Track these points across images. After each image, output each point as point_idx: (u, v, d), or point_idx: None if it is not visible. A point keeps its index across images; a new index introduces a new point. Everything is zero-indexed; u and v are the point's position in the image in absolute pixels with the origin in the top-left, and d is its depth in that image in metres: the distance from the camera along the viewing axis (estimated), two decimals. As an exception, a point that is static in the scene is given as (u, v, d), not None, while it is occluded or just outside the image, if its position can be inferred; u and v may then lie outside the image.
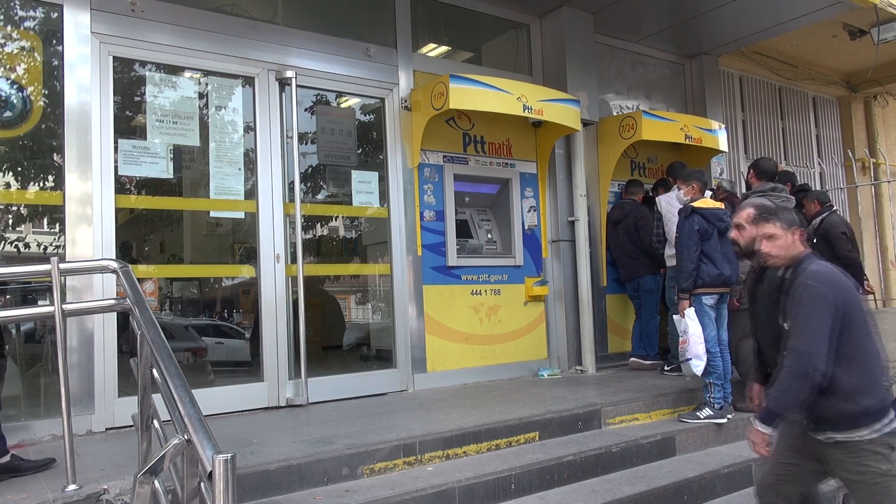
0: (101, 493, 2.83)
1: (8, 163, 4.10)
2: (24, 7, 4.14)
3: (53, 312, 2.87)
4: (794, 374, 2.59)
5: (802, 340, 2.62)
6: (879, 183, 9.24)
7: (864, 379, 2.62)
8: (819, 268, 2.74)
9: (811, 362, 2.56)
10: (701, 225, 4.59)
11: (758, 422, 2.72)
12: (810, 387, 2.57)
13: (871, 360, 2.69)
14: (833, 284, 2.69)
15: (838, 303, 2.65)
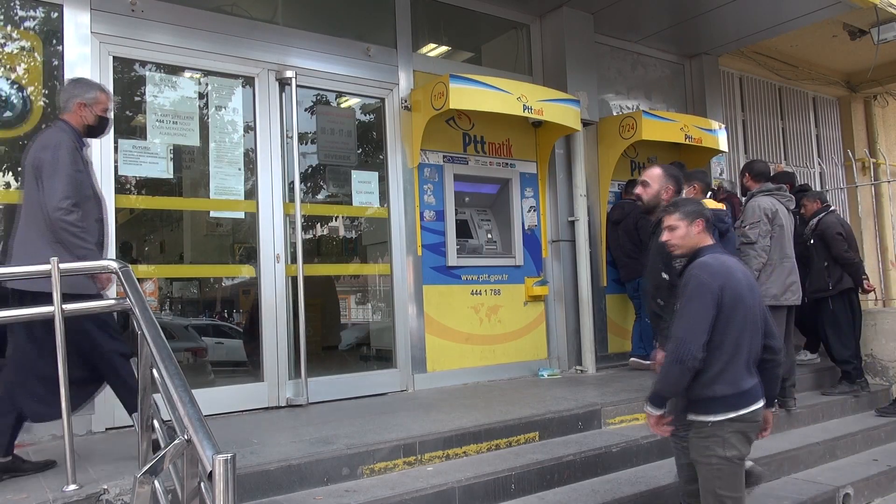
0: (101, 493, 2.83)
1: (8, 163, 4.10)
2: (24, 7, 4.14)
3: (53, 312, 2.87)
4: (672, 359, 2.78)
5: (681, 327, 2.80)
6: (879, 183, 9.24)
7: (722, 369, 2.78)
8: (710, 259, 2.90)
9: (687, 348, 2.74)
10: None
11: (647, 404, 2.91)
12: (687, 371, 2.75)
13: (737, 354, 2.81)
14: (719, 275, 2.82)
15: (722, 293, 2.79)
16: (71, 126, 3.30)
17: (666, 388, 2.85)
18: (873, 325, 6.15)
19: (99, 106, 3.34)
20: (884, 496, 4.40)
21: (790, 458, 4.42)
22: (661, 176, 3.54)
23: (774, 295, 4.76)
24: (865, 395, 5.73)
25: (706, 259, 2.90)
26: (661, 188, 3.53)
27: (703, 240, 3.00)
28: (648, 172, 3.58)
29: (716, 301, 2.77)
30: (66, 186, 3.13)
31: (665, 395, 2.88)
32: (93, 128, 3.38)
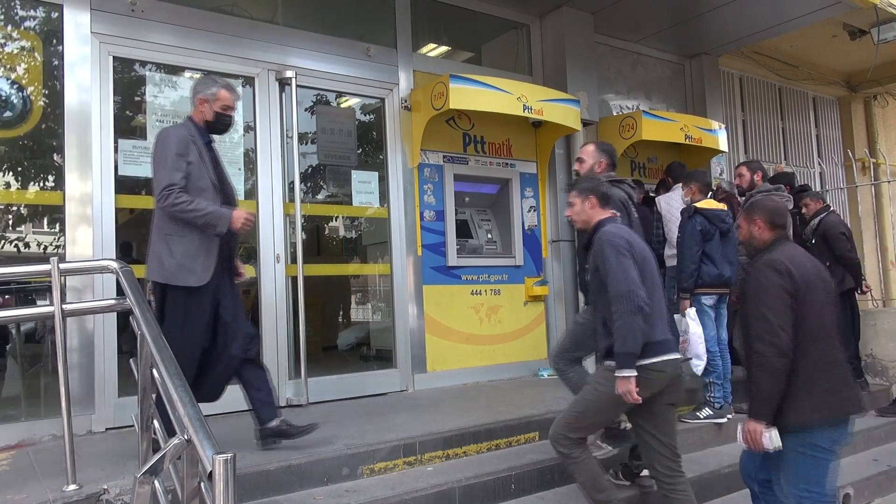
0: (101, 493, 2.83)
1: (8, 163, 4.10)
2: (24, 7, 4.14)
3: (53, 312, 2.87)
4: (626, 312, 2.91)
5: (618, 283, 2.96)
6: (879, 183, 9.23)
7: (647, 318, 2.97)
8: (612, 228, 3.15)
9: (636, 294, 2.91)
10: (703, 225, 4.60)
11: (621, 370, 2.94)
12: (643, 316, 2.91)
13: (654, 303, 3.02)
14: (624, 237, 3.06)
15: (633, 252, 3.01)
16: (192, 121, 3.36)
17: (631, 342, 2.92)
18: (873, 325, 6.15)
19: (218, 102, 3.33)
20: (884, 496, 4.40)
21: (790, 458, 4.42)
22: (594, 151, 3.79)
23: None
24: (865, 396, 5.72)
25: (608, 228, 3.15)
26: (595, 163, 3.73)
27: (597, 214, 3.22)
28: (583, 149, 3.83)
29: (631, 256, 2.99)
30: (169, 175, 3.16)
31: (632, 350, 2.92)
32: (212, 124, 3.36)
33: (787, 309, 2.82)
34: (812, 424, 2.79)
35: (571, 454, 3.13)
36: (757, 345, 2.85)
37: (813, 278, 2.90)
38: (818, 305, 2.86)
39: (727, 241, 4.67)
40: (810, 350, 2.81)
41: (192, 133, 3.30)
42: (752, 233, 3.12)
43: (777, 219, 3.08)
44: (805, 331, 2.81)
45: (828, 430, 2.81)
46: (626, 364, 2.92)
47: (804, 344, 2.80)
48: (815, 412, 2.77)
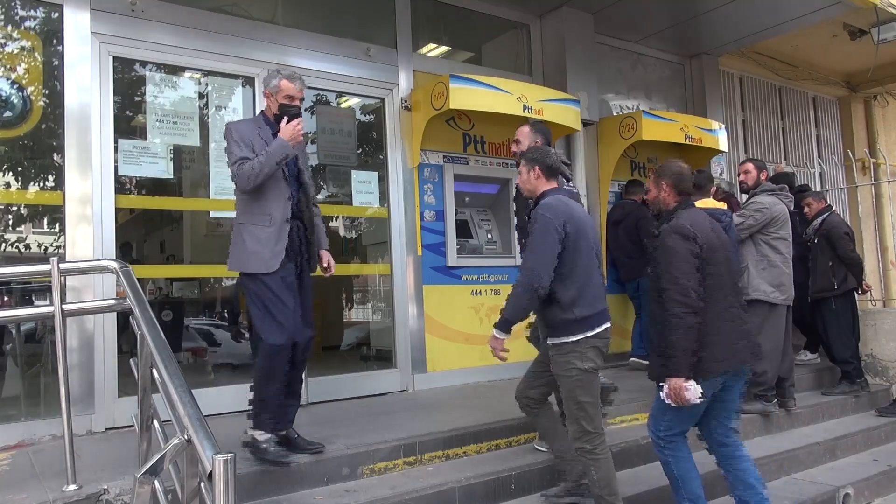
0: (101, 493, 2.83)
1: (8, 163, 4.10)
2: (25, 7, 4.14)
3: (53, 312, 2.87)
4: (522, 287, 3.17)
5: (530, 259, 3.19)
6: (879, 183, 9.24)
7: (578, 293, 3.16)
8: (552, 201, 3.25)
9: (536, 277, 3.13)
10: None
11: (495, 329, 3.26)
12: (535, 297, 3.16)
13: (589, 279, 3.21)
14: (561, 213, 3.18)
15: (566, 230, 3.15)
16: (262, 115, 3.40)
17: (515, 312, 3.23)
18: (873, 325, 6.15)
19: (281, 94, 3.29)
20: (884, 496, 4.40)
21: (790, 458, 4.42)
22: (529, 133, 3.89)
23: (764, 291, 4.77)
24: (865, 395, 5.73)
25: (548, 200, 3.27)
26: (531, 143, 3.80)
27: (541, 184, 3.37)
28: (519, 130, 3.94)
29: (560, 236, 3.14)
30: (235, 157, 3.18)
31: (513, 319, 3.23)
32: (279, 116, 3.30)
33: (695, 270, 3.09)
34: (715, 373, 3.09)
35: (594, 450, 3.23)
36: (671, 305, 3.08)
37: (714, 241, 3.20)
38: (718, 265, 3.16)
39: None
40: (711, 306, 3.10)
41: (260, 124, 3.32)
42: (660, 196, 3.37)
43: (682, 185, 3.33)
44: (707, 289, 3.11)
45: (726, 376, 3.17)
46: (502, 328, 3.25)
47: (706, 301, 3.10)
48: (717, 362, 3.09)
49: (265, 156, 3.15)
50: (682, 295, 3.06)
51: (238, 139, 3.21)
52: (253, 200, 3.23)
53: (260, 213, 3.23)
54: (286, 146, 3.18)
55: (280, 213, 3.24)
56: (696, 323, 3.06)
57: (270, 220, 3.23)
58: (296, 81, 3.34)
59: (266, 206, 3.23)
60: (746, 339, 3.22)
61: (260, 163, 3.13)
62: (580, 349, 3.17)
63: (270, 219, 3.23)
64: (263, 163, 3.13)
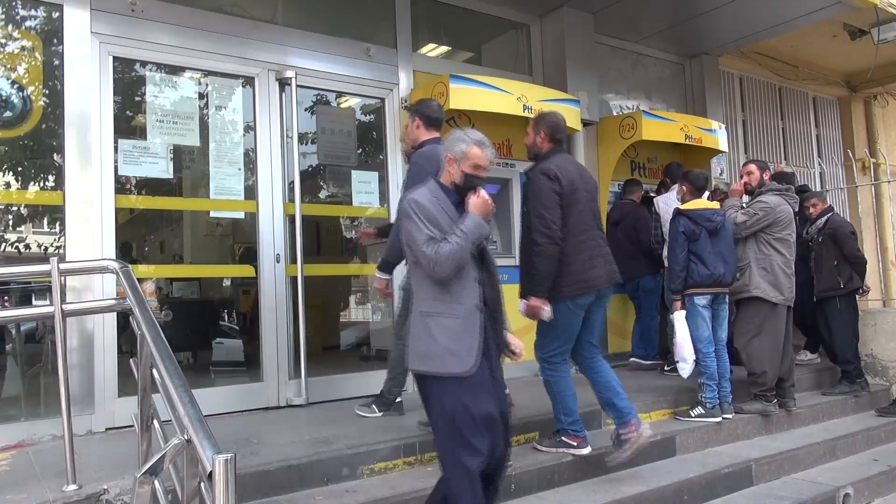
0: (101, 493, 2.83)
1: (8, 163, 4.11)
2: (25, 7, 4.14)
3: (53, 312, 2.87)
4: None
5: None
6: (879, 183, 9.24)
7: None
8: (428, 149, 3.62)
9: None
10: (686, 226, 4.63)
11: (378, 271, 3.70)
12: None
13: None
14: (434, 158, 3.35)
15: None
16: (438, 182, 2.94)
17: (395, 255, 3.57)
18: (873, 325, 6.15)
19: (468, 162, 2.88)
20: (884, 496, 4.40)
21: (790, 458, 4.42)
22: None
23: (763, 289, 4.77)
24: (865, 395, 5.73)
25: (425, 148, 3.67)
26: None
27: (422, 134, 3.72)
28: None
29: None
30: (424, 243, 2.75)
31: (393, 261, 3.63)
32: (460, 187, 2.90)
33: (557, 207, 3.58)
34: (573, 295, 3.61)
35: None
36: (536, 236, 3.57)
37: (577, 183, 3.65)
38: (579, 203, 3.61)
39: (719, 240, 4.67)
40: (571, 240, 3.60)
41: (437, 194, 2.88)
42: (536, 142, 3.85)
43: (557, 134, 3.81)
44: (569, 224, 3.58)
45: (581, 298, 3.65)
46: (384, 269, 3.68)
47: (567, 235, 3.57)
48: (573, 286, 3.60)
49: (461, 236, 2.74)
50: (544, 227, 3.54)
51: (423, 216, 2.78)
52: (440, 285, 2.79)
53: (451, 301, 2.79)
54: (483, 224, 2.82)
55: (471, 299, 2.82)
56: (557, 252, 3.54)
57: (463, 308, 2.80)
58: (486, 149, 2.94)
59: (457, 291, 2.80)
60: (604, 267, 3.70)
61: (459, 245, 2.72)
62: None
63: (463, 307, 2.80)
64: (463, 245, 2.73)
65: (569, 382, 3.81)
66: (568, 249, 3.59)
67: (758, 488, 4.11)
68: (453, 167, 2.90)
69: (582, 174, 3.79)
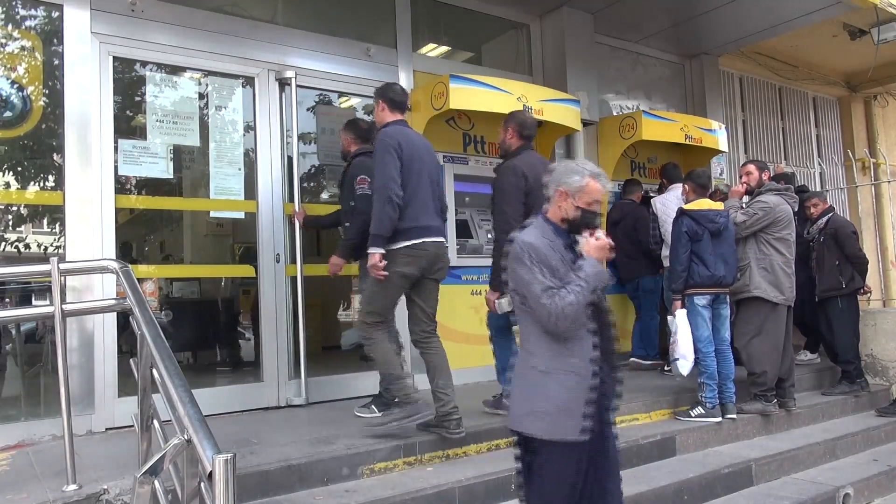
0: (101, 493, 2.83)
1: (8, 163, 4.11)
2: (25, 6, 4.14)
3: (53, 312, 2.87)
4: (380, 202, 3.57)
5: (378, 178, 3.62)
6: (879, 183, 9.24)
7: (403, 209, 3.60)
8: (391, 129, 3.73)
9: (389, 188, 3.54)
10: (689, 227, 4.63)
11: (371, 247, 3.61)
12: (393, 206, 3.56)
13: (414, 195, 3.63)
14: (393, 137, 3.64)
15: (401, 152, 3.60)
16: (546, 219, 2.62)
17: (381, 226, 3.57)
18: (873, 325, 6.15)
19: (584, 196, 2.55)
20: (884, 496, 4.40)
21: (790, 458, 4.42)
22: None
23: (764, 289, 4.77)
24: (865, 395, 5.73)
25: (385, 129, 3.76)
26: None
27: (387, 116, 3.83)
28: None
29: (397, 155, 3.57)
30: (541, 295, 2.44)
31: (382, 233, 3.58)
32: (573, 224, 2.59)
33: (520, 204, 3.74)
34: None
35: (369, 336, 3.74)
36: (496, 232, 3.82)
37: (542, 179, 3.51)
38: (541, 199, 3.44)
39: (722, 241, 4.68)
40: None
41: (547, 234, 2.57)
42: (505, 138, 4.05)
43: (525, 131, 4.01)
44: None
45: None
46: (376, 243, 3.59)
47: None
48: None
49: (582, 284, 2.44)
50: (505, 223, 3.64)
51: (539, 261, 2.46)
52: (554, 338, 2.49)
53: (566, 356, 2.50)
54: (602, 271, 2.51)
55: (586, 353, 2.54)
56: None
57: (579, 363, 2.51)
58: (602, 181, 2.60)
59: (572, 344, 2.51)
60: None
61: (581, 295, 2.43)
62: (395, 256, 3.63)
63: (579, 362, 2.51)
64: (584, 295, 2.43)
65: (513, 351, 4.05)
66: None
67: (758, 488, 4.11)
68: (566, 202, 2.56)
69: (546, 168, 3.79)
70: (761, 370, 4.77)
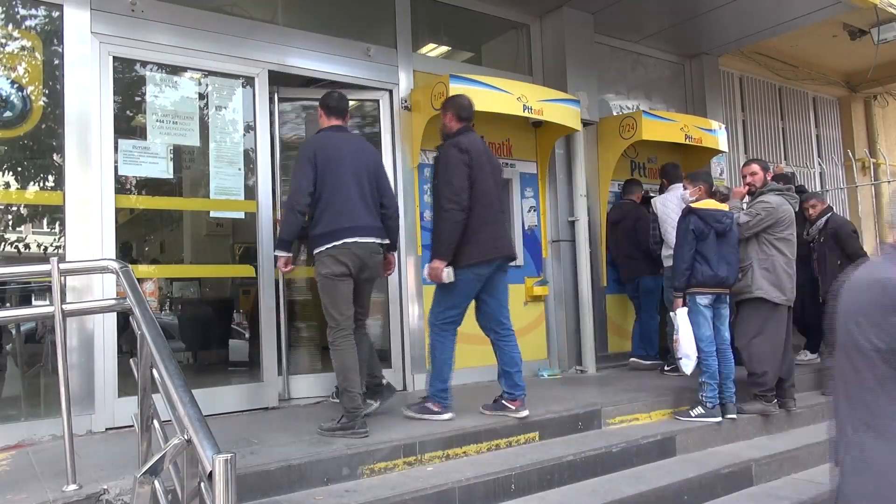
0: (101, 493, 2.83)
1: (8, 163, 4.10)
2: (25, 6, 4.13)
3: (53, 312, 2.87)
4: (287, 209, 3.87)
5: (291, 185, 3.89)
6: (879, 183, 9.25)
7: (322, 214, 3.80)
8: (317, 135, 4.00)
9: (296, 198, 3.80)
10: (696, 225, 4.63)
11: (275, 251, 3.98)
12: (297, 214, 3.80)
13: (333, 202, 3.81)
14: (310, 146, 3.93)
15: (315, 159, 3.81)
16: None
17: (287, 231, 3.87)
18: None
19: None
20: (884, 496, 4.39)
21: (790, 458, 4.42)
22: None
23: (766, 290, 4.77)
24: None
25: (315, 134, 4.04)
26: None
27: (324, 122, 4.08)
28: None
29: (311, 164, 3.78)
30: None
31: (287, 238, 3.88)
32: None
33: (466, 178, 3.89)
34: (472, 263, 3.92)
35: (333, 342, 3.86)
36: (444, 202, 3.88)
37: (482, 157, 4.02)
38: (485, 180, 3.94)
39: (725, 242, 4.68)
40: (478, 210, 3.92)
41: None
42: (445, 122, 4.20)
43: (463, 112, 4.17)
44: (476, 196, 3.90)
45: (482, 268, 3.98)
46: (281, 247, 3.91)
47: (474, 205, 3.89)
48: (474, 256, 3.92)
49: None
50: (452, 194, 3.85)
51: None
52: None
53: None
54: None
55: None
56: (463, 218, 3.85)
57: None
58: None
59: None
60: (503, 239, 4.10)
61: None
62: (322, 258, 3.80)
63: None
64: None
65: (452, 352, 4.13)
66: (474, 220, 3.92)
67: (758, 488, 4.11)
68: None
69: (488, 153, 4.20)
70: (762, 370, 4.77)
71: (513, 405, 4.11)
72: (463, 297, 4.05)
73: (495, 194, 4.08)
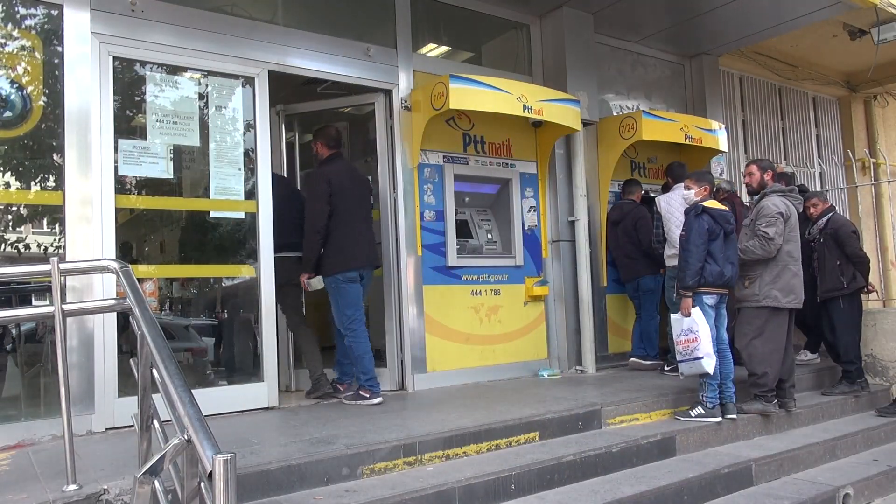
0: (101, 493, 2.83)
1: (8, 163, 4.10)
2: (24, 6, 4.13)
3: (53, 312, 2.87)
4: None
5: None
6: (879, 183, 9.24)
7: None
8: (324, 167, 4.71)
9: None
10: (710, 225, 4.60)
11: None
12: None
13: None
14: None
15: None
16: None
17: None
18: (873, 325, 6.15)
19: None
20: (884, 496, 4.40)
21: (790, 458, 4.43)
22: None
23: (775, 297, 4.75)
24: (865, 395, 5.72)
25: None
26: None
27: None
28: None
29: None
30: None
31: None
32: None
33: (326, 204, 4.56)
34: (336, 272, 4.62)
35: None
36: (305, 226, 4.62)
37: (346, 183, 4.67)
38: (348, 200, 4.62)
39: (729, 243, 4.68)
40: (341, 228, 4.59)
41: None
42: (316, 150, 4.83)
43: (331, 142, 4.81)
44: (339, 215, 4.59)
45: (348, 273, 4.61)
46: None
47: (337, 224, 4.58)
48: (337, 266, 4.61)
49: None
50: (312, 223, 4.58)
51: None
52: None
53: None
54: None
55: None
56: (318, 239, 4.57)
57: None
58: None
59: None
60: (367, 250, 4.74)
61: None
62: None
63: None
64: None
65: (367, 346, 4.66)
66: (337, 235, 4.58)
67: (758, 488, 4.11)
68: None
69: (354, 176, 4.81)
70: (762, 371, 4.77)
71: (367, 393, 4.60)
72: (350, 299, 4.63)
73: (359, 214, 4.72)
